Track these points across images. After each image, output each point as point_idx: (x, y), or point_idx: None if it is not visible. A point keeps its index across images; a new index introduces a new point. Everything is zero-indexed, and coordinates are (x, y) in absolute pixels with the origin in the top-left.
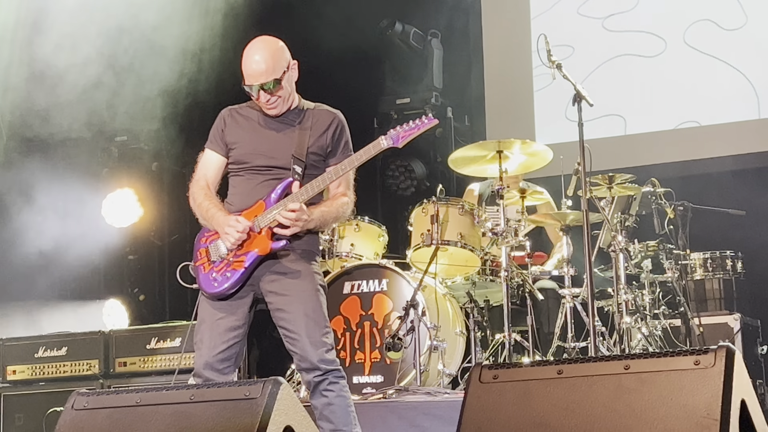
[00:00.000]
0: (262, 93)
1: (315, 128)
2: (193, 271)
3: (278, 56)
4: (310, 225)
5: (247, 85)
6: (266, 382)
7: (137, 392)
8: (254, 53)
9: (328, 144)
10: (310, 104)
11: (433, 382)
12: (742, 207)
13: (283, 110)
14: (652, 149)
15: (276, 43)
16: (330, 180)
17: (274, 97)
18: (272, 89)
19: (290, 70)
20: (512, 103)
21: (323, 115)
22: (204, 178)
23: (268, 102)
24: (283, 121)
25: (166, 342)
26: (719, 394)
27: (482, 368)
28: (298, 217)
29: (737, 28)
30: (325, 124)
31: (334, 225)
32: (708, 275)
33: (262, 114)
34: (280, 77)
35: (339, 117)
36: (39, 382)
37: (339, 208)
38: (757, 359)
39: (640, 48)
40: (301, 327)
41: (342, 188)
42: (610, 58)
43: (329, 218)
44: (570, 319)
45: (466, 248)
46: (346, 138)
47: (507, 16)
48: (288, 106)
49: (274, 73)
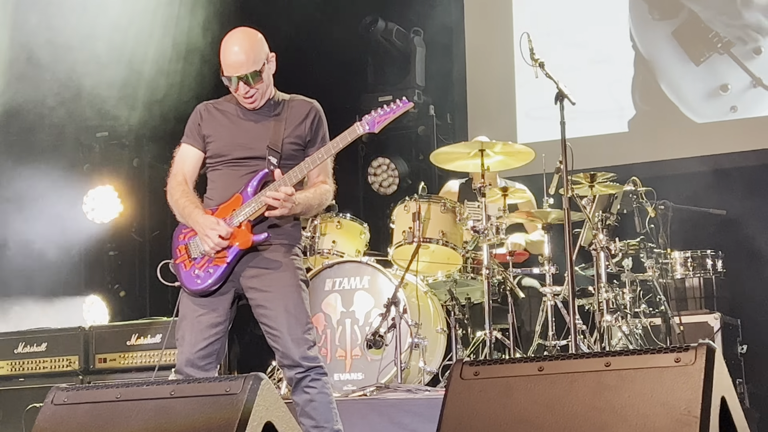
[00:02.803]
0: (242, 85)
1: (291, 118)
2: (173, 269)
3: (258, 48)
4: (296, 210)
5: (226, 76)
6: (247, 378)
7: (117, 387)
8: (234, 44)
9: (307, 133)
10: (285, 96)
11: (414, 380)
12: (723, 206)
13: (261, 104)
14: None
15: (255, 35)
16: (308, 169)
17: (253, 89)
18: (252, 81)
19: (269, 63)
20: (494, 101)
21: (300, 105)
22: (181, 173)
23: (247, 94)
24: (259, 112)
25: (147, 338)
26: (699, 392)
27: (463, 365)
28: (287, 198)
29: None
30: (303, 114)
31: (317, 212)
32: (688, 274)
33: (239, 107)
34: (260, 69)
35: (316, 106)
36: (18, 378)
37: (321, 195)
38: (737, 358)
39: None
40: (283, 323)
41: (322, 176)
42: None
43: (313, 204)
44: (551, 317)
45: (448, 246)
46: (324, 127)
47: (489, 14)
48: (266, 99)
49: (254, 64)
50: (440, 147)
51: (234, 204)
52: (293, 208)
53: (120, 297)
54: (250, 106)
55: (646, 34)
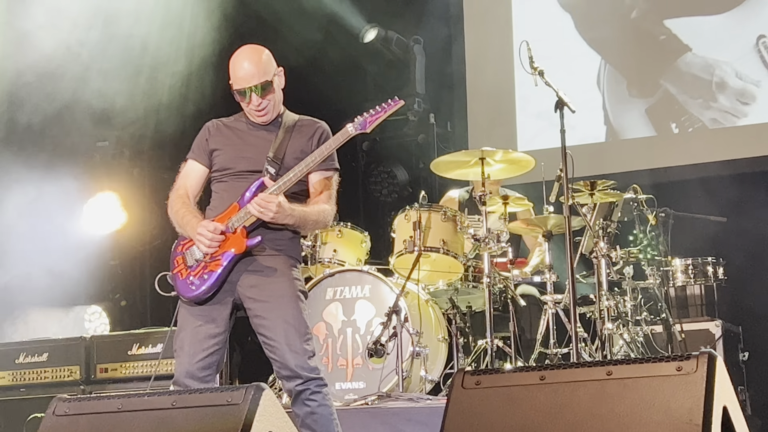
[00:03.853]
0: (254, 97)
1: (298, 135)
2: (171, 280)
3: (267, 61)
4: (286, 219)
5: (239, 90)
6: (248, 388)
7: (119, 398)
8: (243, 59)
9: (313, 149)
10: (294, 116)
11: (416, 389)
12: (724, 213)
13: (272, 117)
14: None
15: (263, 50)
16: (302, 172)
17: (265, 100)
18: (264, 91)
19: (278, 76)
20: (494, 109)
21: (308, 124)
22: (184, 188)
23: (260, 106)
24: (268, 129)
25: (148, 348)
26: (701, 400)
27: (465, 374)
28: (267, 201)
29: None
30: (310, 132)
31: (314, 230)
32: (689, 281)
33: (248, 125)
34: (270, 80)
35: (324, 125)
36: (20, 388)
37: (320, 214)
38: (739, 365)
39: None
40: (280, 334)
41: (324, 195)
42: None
43: (309, 219)
44: (552, 326)
45: (449, 255)
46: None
47: (489, 21)
48: (277, 113)
49: (265, 75)
50: (440, 155)
51: (231, 212)
52: (285, 214)
53: (121, 306)
54: (262, 119)
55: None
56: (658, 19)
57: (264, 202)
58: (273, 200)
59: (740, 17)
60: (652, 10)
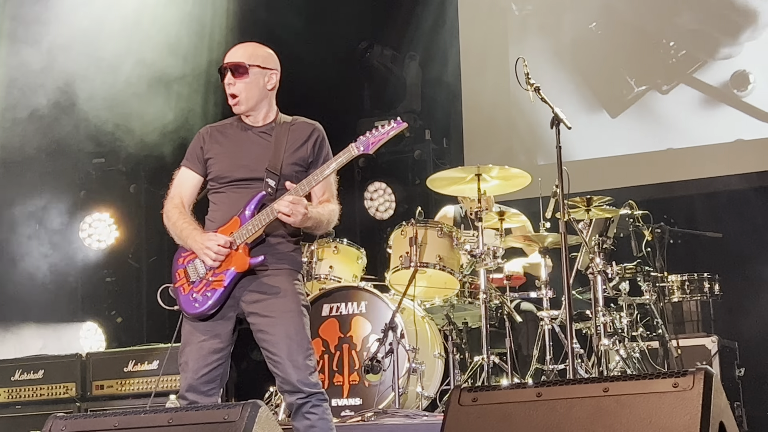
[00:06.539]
0: (228, 76)
1: (292, 140)
2: (173, 293)
3: (258, 52)
4: (309, 222)
5: (219, 70)
6: (245, 405)
7: (115, 416)
8: (238, 45)
9: (309, 155)
10: (287, 118)
11: (412, 405)
12: (719, 229)
13: (244, 109)
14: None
15: (262, 46)
16: (304, 192)
17: (238, 84)
18: (236, 73)
19: (266, 72)
20: (490, 125)
21: (302, 127)
22: (179, 196)
23: (229, 89)
24: (261, 134)
25: (144, 365)
26: (698, 417)
27: (461, 391)
28: (297, 201)
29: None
30: (305, 136)
31: (327, 230)
32: (685, 297)
33: (240, 129)
34: (248, 65)
35: (318, 128)
36: (15, 405)
37: (330, 213)
38: (735, 381)
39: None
40: (284, 349)
41: (327, 195)
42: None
43: (323, 219)
44: (548, 342)
45: (445, 270)
46: (326, 148)
47: (485, 38)
48: (250, 108)
49: (244, 58)
50: (437, 171)
51: (232, 227)
52: (305, 218)
53: (117, 323)
54: (235, 108)
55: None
56: (655, 36)
57: (293, 206)
58: (303, 202)
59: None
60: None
